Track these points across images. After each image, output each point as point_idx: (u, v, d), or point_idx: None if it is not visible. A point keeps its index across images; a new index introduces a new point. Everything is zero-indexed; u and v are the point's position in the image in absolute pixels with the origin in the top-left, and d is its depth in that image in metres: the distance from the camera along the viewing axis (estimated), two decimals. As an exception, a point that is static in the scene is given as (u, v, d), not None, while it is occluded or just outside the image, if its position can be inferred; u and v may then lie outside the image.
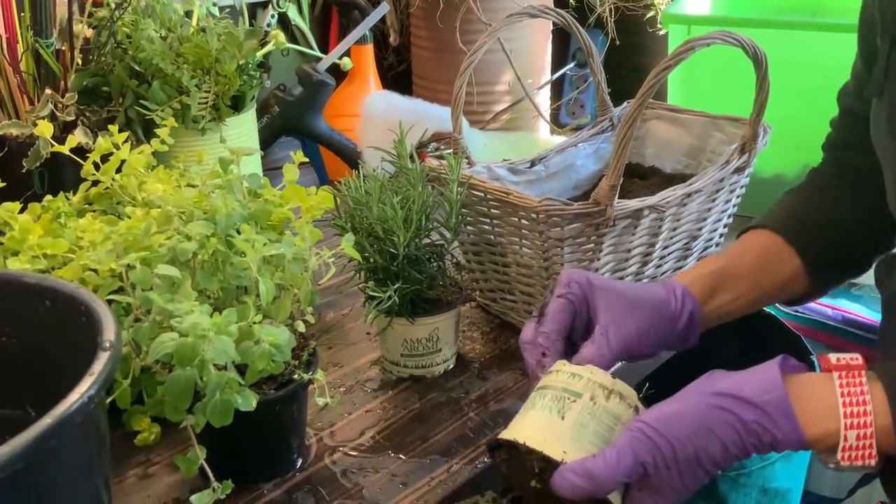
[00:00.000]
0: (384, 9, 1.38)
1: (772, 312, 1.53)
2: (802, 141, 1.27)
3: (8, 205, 0.84)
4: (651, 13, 1.54)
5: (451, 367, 0.93)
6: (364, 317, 0.91)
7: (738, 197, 1.06)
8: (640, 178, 1.15)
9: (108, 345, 0.51)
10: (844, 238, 0.84)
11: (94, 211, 0.91)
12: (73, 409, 0.45)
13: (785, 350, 1.55)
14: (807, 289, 0.85)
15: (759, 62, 0.88)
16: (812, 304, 1.57)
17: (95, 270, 0.76)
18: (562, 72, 1.61)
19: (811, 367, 1.39)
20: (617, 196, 0.87)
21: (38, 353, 0.60)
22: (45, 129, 0.93)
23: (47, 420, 0.43)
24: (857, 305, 1.51)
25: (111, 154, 0.90)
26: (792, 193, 0.90)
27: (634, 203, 0.90)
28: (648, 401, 0.67)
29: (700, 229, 1.03)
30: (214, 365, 0.64)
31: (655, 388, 1.52)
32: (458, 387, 0.91)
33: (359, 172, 0.89)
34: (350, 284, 0.93)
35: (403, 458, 0.80)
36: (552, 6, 1.27)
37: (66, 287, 0.59)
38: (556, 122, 1.62)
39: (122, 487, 0.76)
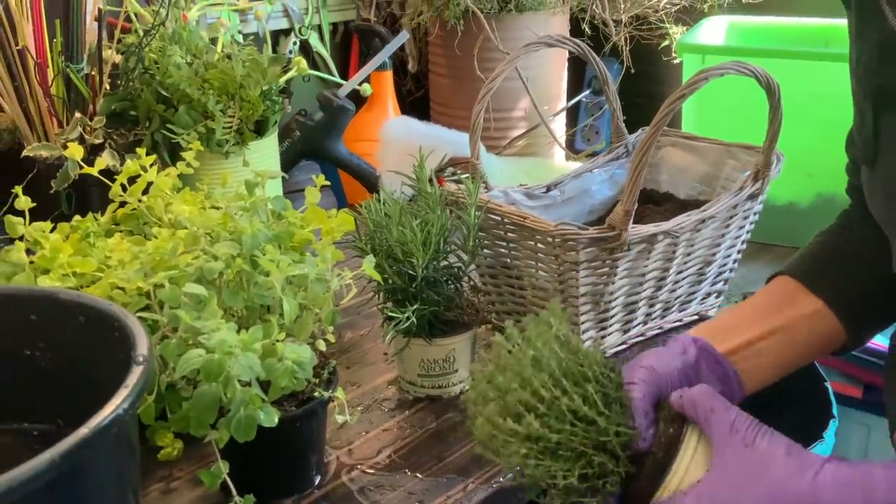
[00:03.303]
0: (404, 37, 1.41)
1: (785, 339, 1.54)
2: (816, 169, 1.28)
3: (39, 224, 0.86)
4: (666, 42, 1.56)
5: (468, 387, 0.94)
6: (382, 337, 0.93)
7: (751, 223, 1.07)
8: (655, 203, 1.16)
9: (141, 359, 0.53)
10: (871, 275, 0.80)
11: (121, 231, 0.93)
12: (109, 420, 0.47)
13: (799, 377, 1.56)
14: (844, 336, 0.80)
15: (771, 91, 0.90)
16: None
17: (122, 289, 0.78)
18: (577, 99, 1.63)
19: (825, 394, 1.40)
20: (632, 221, 0.88)
21: (70, 368, 0.62)
22: (75, 152, 0.96)
23: (84, 430, 0.45)
24: (871, 333, 1.51)
25: (138, 176, 0.93)
26: (819, 234, 0.87)
27: (649, 228, 0.91)
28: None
29: (714, 255, 1.04)
30: (239, 381, 0.66)
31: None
32: (474, 407, 0.92)
33: (378, 196, 0.91)
34: (368, 305, 0.95)
35: (420, 476, 0.81)
36: (568, 35, 1.30)
37: (99, 303, 0.61)
38: (572, 148, 1.64)
39: (146, 501, 0.78)
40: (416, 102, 1.72)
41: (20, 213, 0.86)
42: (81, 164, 0.96)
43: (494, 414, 0.63)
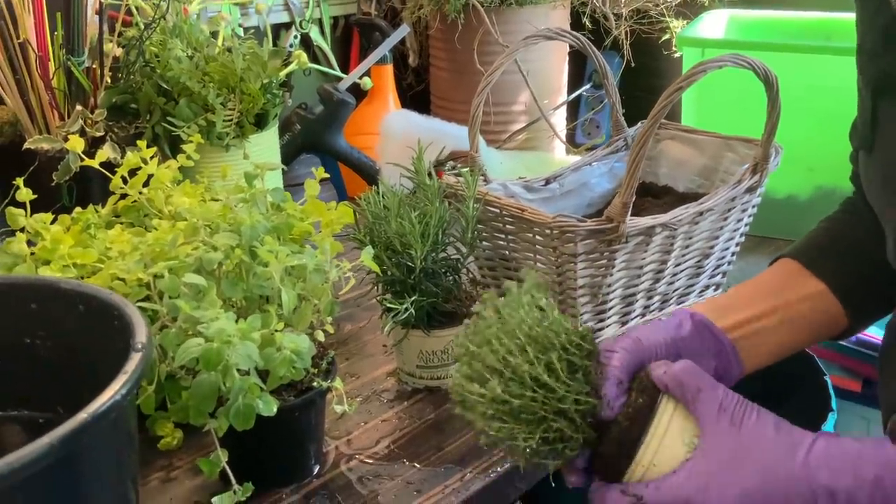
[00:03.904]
0: (404, 30, 1.42)
1: (785, 333, 1.54)
2: (815, 163, 1.28)
3: (40, 216, 0.87)
4: (666, 36, 1.57)
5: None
6: (381, 329, 0.94)
7: (749, 216, 1.07)
8: (654, 196, 1.17)
9: (140, 346, 0.53)
10: (873, 261, 0.79)
11: (121, 223, 0.94)
12: (108, 406, 0.48)
13: (799, 371, 1.57)
14: (845, 320, 0.81)
15: (770, 84, 0.91)
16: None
17: (123, 280, 0.79)
18: (578, 93, 1.64)
19: (824, 387, 1.40)
20: (630, 213, 0.89)
21: (70, 357, 0.63)
22: (76, 144, 0.97)
23: (83, 415, 0.46)
24: (871, 327, 1.51)
25: (139, 168, 0.93)
26: (823, 220, 0.88)
27: (647, 220, 0.92)
28: None
29: (712, 248, 1.04)
30: (238, 370, 0.67)
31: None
32: (472, 399, 0.92)
33: (377, 188, 0.92)
34: (368, 297, 0.95)
35: (418, 466, 0.82)
36: (569, 29, 1.30)
37: (99, 292, 0.61)
38: (572, 142, 1.64)
39: (146, 490, 0.79)
40: (416, 96, 1.72)
41: (21, 205, 0.86)
42: (82, 156, 0.97)
43: (464, 376, 0.64)
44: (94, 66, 1.11)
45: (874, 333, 1.51)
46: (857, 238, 0.83)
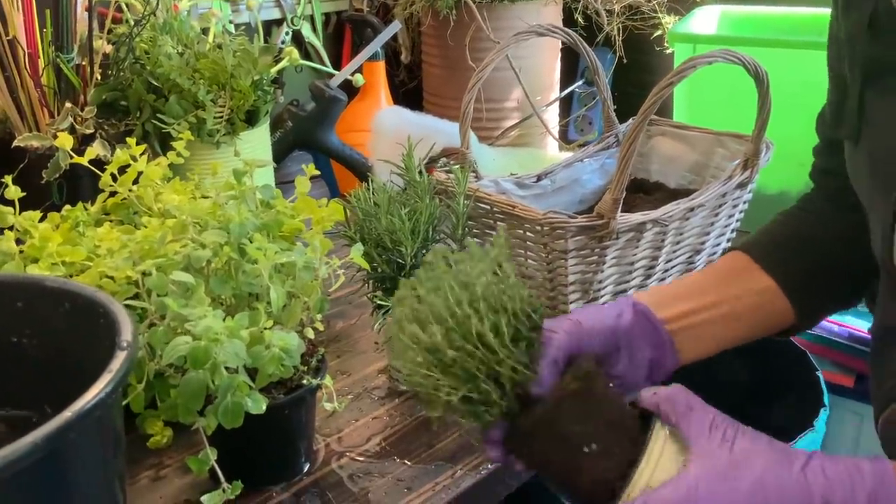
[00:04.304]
0: (396, 27, 1.41)
1: (778, 328, 1.54)
2: (807, 158, 1.27)
3: (28, 213, 0.87)
4: (658, 32, 1.56)
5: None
6: (371, 326, 0.93)
7: (741, 212, 1.08)
8: (646, 192, 1.17)
9: (125, 344, 0.53)
10: (825, 261, 0.81)
11: (111, 220, 0.93)
12: (92, 405, 0.47)
13: (791, 366, 1.57)
14: (793, 317, 0.81)
15: (760, 80, 0.90)
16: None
17: (112, 277, 0.78)
18: (570, 89, 1.63)
19: (817, 384, 1.41)
20: (620, 209, 0.89)
21: (56, 355, 0.63)
22: (65, 142, 0.96)
23: (67, 414, 0.46)
24: (863, 322, 1.52)
25: (128, 166, 0.93)
26: (778, 215, 0.88)
27: (637, 216, 0.92)
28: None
29: (703, 244, 1.04)
30: (226, 368, 0.67)
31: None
32: (463, 395, 0.92)
33: (368, 185, 0.92)
34: (359, 295, 0.95)
35: (409, 463, 0.82)
36: (561, 25, 1.30)
37: (85, 290, 0.61)
38: (565, 139, 1.64)
39: (136, 489, 0.79)
40: (408, 93, 1.72)
41: (10, 203, 0.86)
42: (72, 154, 0.96)
43: (404, 317, 0.63)
44: (83, 63, 1.11)
45: (866, 328, 1.52)
46: (811, 235, 0.82)
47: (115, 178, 0.94)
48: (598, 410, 0.63)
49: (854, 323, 1.55)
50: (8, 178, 0.87)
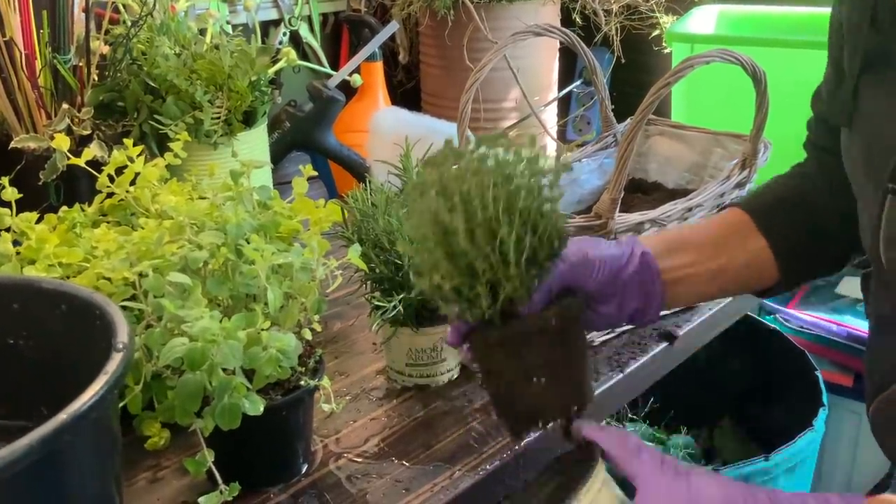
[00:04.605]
0: (394, 27, 1.41)
1: (777, 328, 1.54)
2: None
3: (25, 215, 0.87)
4: (656, 32, 1.56)
5: (455, 376, 0.95)
6: (369, 327, 0.93)
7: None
8: (644, 192, 1.17)
9: (121, 346, 0.53)
10: (817, 225, 0.82)
11: (108, 222, 0.93)
12: (88, 406, 0.47)
13: (790, 366, 1.56)
14: (777, 276, 0.82)
15: (758, 80, 0.90)
16: (817, 321, 1.58)
17: (109, 279, 0.78)
18: (568, 89, 1.63)
19: (816, 383, 1.41)
20: (618, 209, 0.88)
21: (52, 357, 0.63)
22: (62, 143, 0.96)
23: (63, 416, 0.46)
24: (862, 322, 1.52)
25: (126, 167, 0.93)
26: (775, 177, 0.88)
27: (635, 216, 0.92)
28: (653, 415, 0.68)
29: (701, 243, 1.04)
30: (223, 369, 0.66)
31: (660, 402, 1.53)
32: (461, 396, 0.92)
33: (366, 186, 0.92)
34: (357, 296, 0.95)
35: (407, 464, 0.82)
36: (559, 25, 1.30)
37: (80, 292, 0.61)
38: (563, 139, 1.64)
39: (133, 490, 0.78)
40: (406, 93, 1.72)
41: (7, 205, 0.86)
42: (69, 155, 0.96)
43: (433, 184, 0.61)
44: (80, 64, 1.10)
45: (865, 328, 1.51)
46: (804, 199, 0.83)
47: (112, 180, 0.93)
48: (561, 353, 0.65)
49: (853, 322, 1.55)
50: (5, 180, 0.87)
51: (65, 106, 1.08)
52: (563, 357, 0.66)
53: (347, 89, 1.38)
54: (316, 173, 0.97)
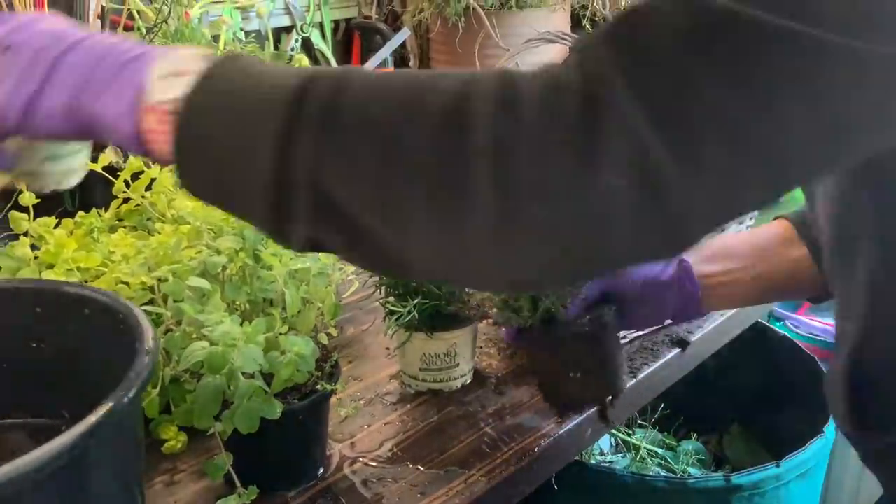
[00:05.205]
0: (405, 34, 1.42)
1: (787, 335, 1.54)
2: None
3: (43, 220, 0.87)
4: (666, 39, 1.57)
5: (469, 381, 0.95)
6: (383, 332, 0.94)
7: (751, 218, 1.08)
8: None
9: (147, 349, 0.53)
10: None
11: (124, 227, 0.94)
12: (115, 411, 0.48)
13: (800, 372, 1.56)
14: (820, 286, 0.82)
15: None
16: (827, 327, 1.58)
17: (127, 283, 0.79)
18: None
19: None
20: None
21: (75, 361, 0.63)
22: (79, 148, 0.97)
23: (90, 420, 0.46)
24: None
25: (141, 172, 0.94)
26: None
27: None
28: (662, 421, 0.73)
29: (714, 250, 1.04)
30: (243, 373, 0.67)
31: (669, 408, 1.53)
32: (474, 401, 0.92)
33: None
34: (370, 301, 0.95)
35: (422, 469, 0.82)
36: (570, 32, 1.30)
37: (103, 296, 0.61)
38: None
39: (150, 494, 0.79)
40: (417, 100, 1.72)
41: (24, 209, 0.86)
42: (85, 160, 0.97)
43: None
44: (96, 70, 1.11)
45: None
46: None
47: (128, 185, 0.94)
48: (594, 353, 0.79)
49: (862, 329, 1.54)
50: (22, 185, 0.87)
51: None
52: (597, 356, 0.79)
53: (359, 95, 1.38)
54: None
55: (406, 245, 0.48)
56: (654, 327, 1.01)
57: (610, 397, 0.82)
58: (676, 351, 1.01)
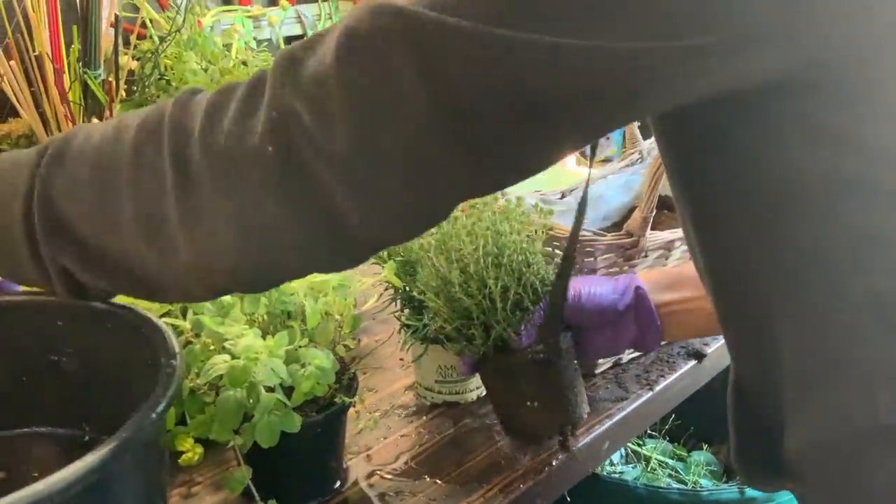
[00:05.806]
0: (416, 43, 1.42)
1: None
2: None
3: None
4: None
5: (484, 394, 0.95)
6: (398, 343, 0.93)
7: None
8: (670, 210, 1.17)
9: (173, 363, 0.53)
10: None
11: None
12: (144, 426, 0.47)
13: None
14: None
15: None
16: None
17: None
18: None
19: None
20: (649, 227, 0.89)
21: (97, 374, 0.63)
22: (94, 157, 0.96)
23: (123, 434, 0.46)
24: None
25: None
26: None
27: (666, 234, 0.92)
28: (673, 432, 0.71)
29: (729, 261, 1.04)
30: (264, 387, 0.66)
31: (681, 419, 1.53)
32: (490, 413, 0.92)
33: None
34: (385, 311, 0.95)
35: (439, 482, 0.81)
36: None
37: (127, 310, 0.61)
38: (583, 154, 1.64)
39: (167, 506, 0.78)
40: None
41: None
42: (99, 169, 0.96)
43: (441, 242, 0.78)
44: (109, 79, 1.11)
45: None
46: None
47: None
48: (550, 381, 0.77)
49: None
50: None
51: (94, 120, 1.08)
52: (553, 384, 0.78)
53: (370, 104, 1.38)
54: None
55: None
56: (615, 356, 0.98)
57: (570, 427, 0.81)
58: (692, 363, 1.01)
